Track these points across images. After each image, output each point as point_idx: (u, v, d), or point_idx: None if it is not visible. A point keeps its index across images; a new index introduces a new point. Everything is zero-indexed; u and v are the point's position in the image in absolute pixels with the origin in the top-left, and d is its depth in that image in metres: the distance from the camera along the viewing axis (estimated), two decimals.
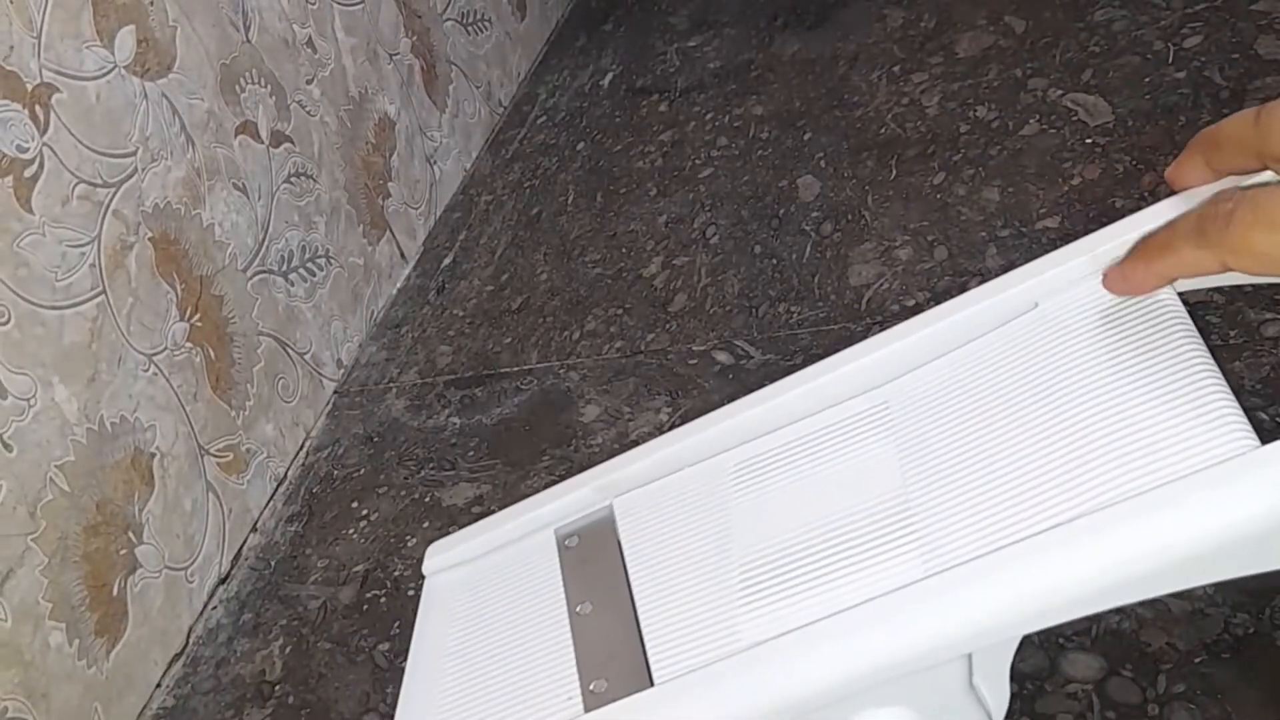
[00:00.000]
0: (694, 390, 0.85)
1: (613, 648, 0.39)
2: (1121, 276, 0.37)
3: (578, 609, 0.41)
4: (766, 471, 0.41)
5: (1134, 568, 0.30)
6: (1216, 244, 0.33)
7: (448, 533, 0.84)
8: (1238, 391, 0.67)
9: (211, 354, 0.87)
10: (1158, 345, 0.35)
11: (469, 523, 0.81)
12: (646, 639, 0.38)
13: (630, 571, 0.41)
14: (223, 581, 0.85)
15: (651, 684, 0.37)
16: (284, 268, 0.97)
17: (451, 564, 0.49)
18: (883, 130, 1.04)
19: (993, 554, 0.32)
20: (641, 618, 0.39)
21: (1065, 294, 0.39)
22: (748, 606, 0.37)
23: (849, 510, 0.37)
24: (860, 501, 0.37)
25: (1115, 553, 0.30)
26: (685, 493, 0.43)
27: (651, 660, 0.38)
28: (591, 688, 0.38)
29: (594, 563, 0.43)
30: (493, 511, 0.85)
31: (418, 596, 0.80)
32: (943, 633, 0.32)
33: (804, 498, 0.39)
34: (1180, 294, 0.38)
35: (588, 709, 0.37)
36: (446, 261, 1.15)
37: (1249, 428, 0.32)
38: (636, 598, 0.40)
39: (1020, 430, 0.35)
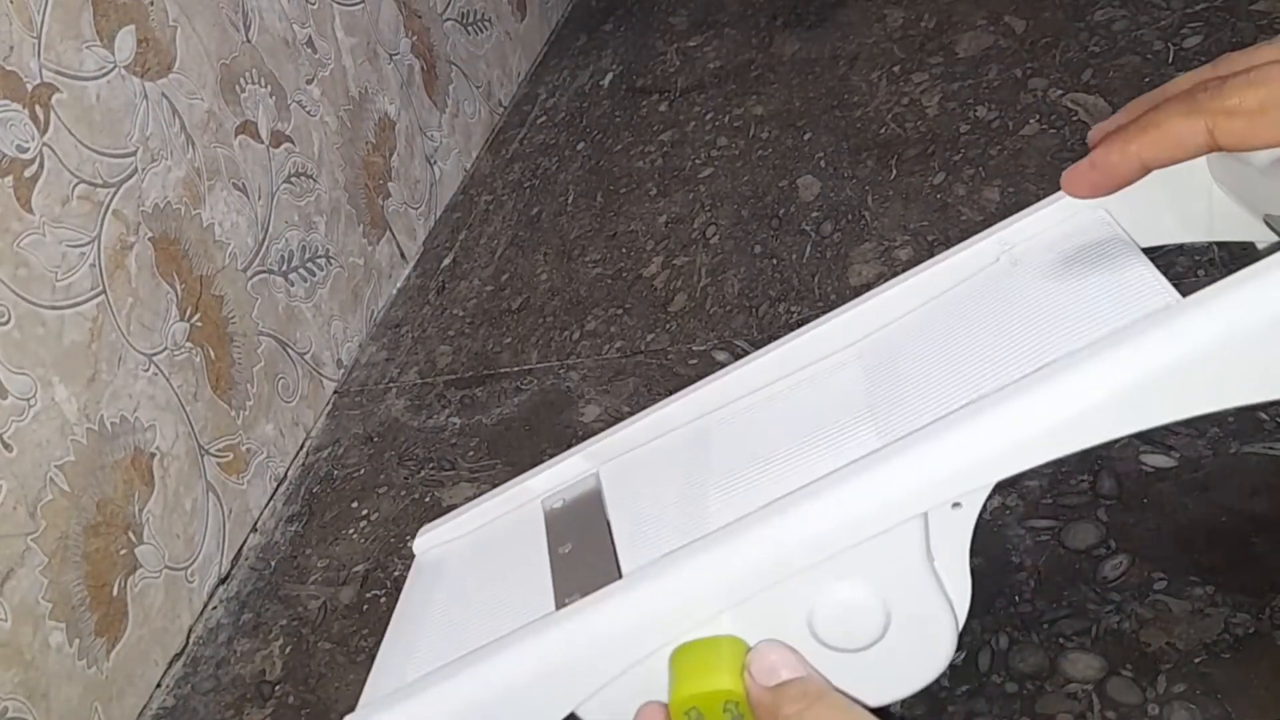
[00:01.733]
0: None
1: (591, 574, 0.40)
2: (1090, 165, 0.37)
3: (559, 550, 0.43)
4: (744, 415, 0.44)
5: (1066, 411, 0.33)
6: (1206, 108, 0.33)
7: None
8: None
9: (212, 354, 0.87)
10: (1108, 271, 0.38)
11: None
12: (622, 561, 0.39)
13: (611, 518, 0.42)
14: (223, 581, 0.85)
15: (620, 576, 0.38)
16: (284, 268, 0.97)
17: (441, 541, 0.50)
18: (883, 130, 1.04)
19: (941, 419, 0.35)
20: (619, 550, 0.40)
21: (1026, 245, 0.42)
22: (718, 503, 0.39)
23: (817, 423, 0.40)
24: (827, 414, 0.40)
25: (1049, 399, 0.33)
26: (668, 452, 0.44)
27: (624, 568, 0.39)
28: (566, 601, 0.39)
29: (577, 515, 0.44)
30: None
31: None
32: (893, 485, 0.34)
33: (776, 424, 0.42)
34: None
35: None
36: (446, 261, 1.15)
37: (1171, 289, 0.35)
38: (615, 537, 0.41)
39: (977, 345, 0.39)
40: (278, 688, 0.74)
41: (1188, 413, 0.33)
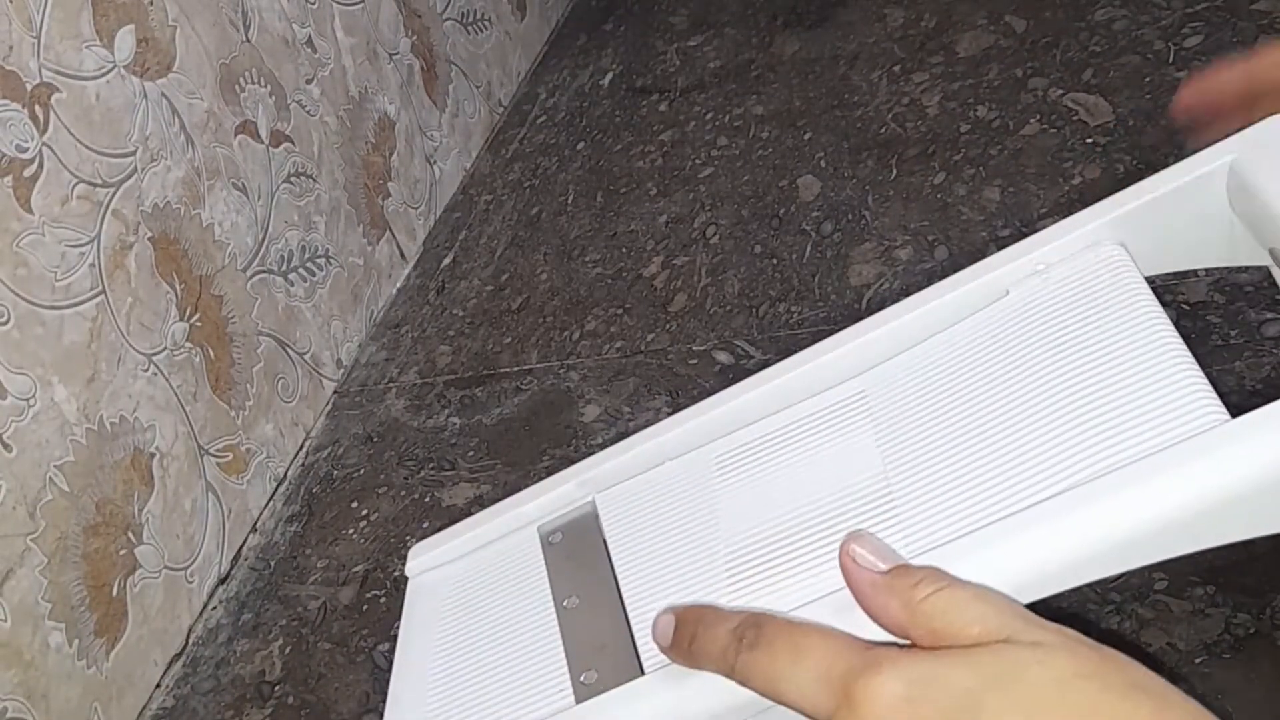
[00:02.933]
0: (694, 390, 0.85)
1: (601, 639, 0.39)
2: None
3: (564, 603, 0.42)
4: (748, 461, 0.42)
5: (1106, 541, 0.31)
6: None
7: None
8: (1238, 391, 0.67)
9: (211, 354, 0.87)
10: (1126, 326, 0.36)
11: None
12: (635, 629, 0.39)
13: (616, 564, 0.42)
14: (222, 581, 0.85)
15: (642, 673, 0.37)
16: (284, 268, 0.97)
17: (435, 564, 0.49)
18: (883, 130, 1.04)
19: (971, 534, 0.33)
20: (629, 608, 0.39)
21: (1034, 280, 0.39)
22: (733, 593, 0.37)
23: (830, 498, 0.38)
24: (841, 489, 0.38)
25: (1089, 527, 0.31)
26: (668, 485, 0.43)
27: (641, 649, 0.38)
28: (582, 679, 0.38)
29: (579, 557, 0.43)
30: None
31: None
32: None
33: (786, 486, 0.40)
34: (1180, 298, 0.38)
35: (579, 700, 0.38)
36: (446, 261, 1.15)
37: (1218, 402, 0.32)
38: (623, 589, 0.40)
39: (994, 416, 0.36)
40: (278, 688, 0.74)
41: (1224, 541, 0.31)
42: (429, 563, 0.49)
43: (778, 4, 1.34)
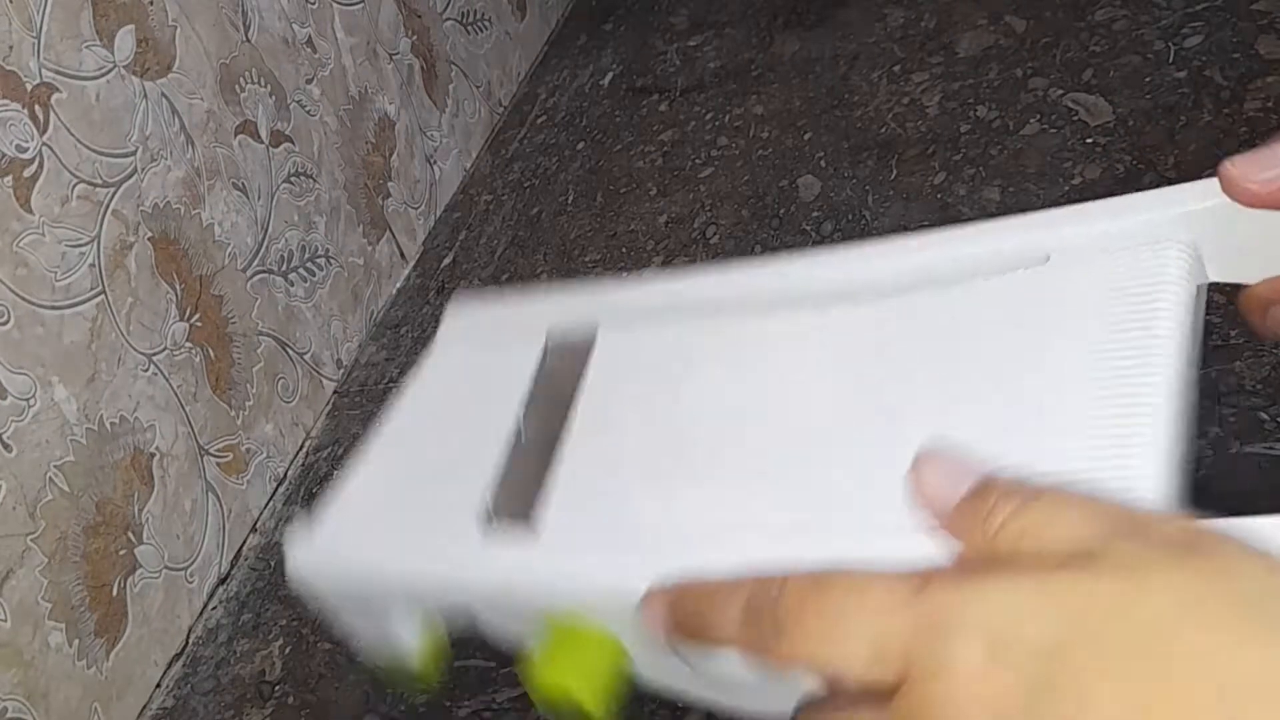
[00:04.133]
0: None
1: (524, 494, 0.40)
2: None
3: (523, 427, 0.42)
4: (744, 355, 0.41)
5: None
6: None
7: None
8: (1238, 391, 0.67)
9: (211, 354, 0.87)
10: (1135, 354, 0.33)
11: None
12: (557, 485, 0.38)
13: (576, 413, 0.41)
14: (222, 581, 0.85)
15: (536, 534, 0.37)
16: (284, 268, 0.97)
17: (468, 325, 0.51)
18: (883, 130, 1.04)
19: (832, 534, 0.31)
20: (561, 464, 0.39)
21: (1080, 259, 0.36)
22: (686, 489, 0.36)
23: (789, 426, 0.37)
24: (836, 406, 0.36)
25: None
26: (662, 358, 0.42)
27: (552, 506, 0.38)
28: (493, 521, 0.39)
29: (555, 385, 0.43)
30: None
31: None
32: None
33: (755, 396, 0.39)
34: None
35: (481, 544, 0.39)
36: (446, 261, 1.15)
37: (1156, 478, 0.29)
38: (566, 446, 0.40)
39: (980, 389, 0.34)
40: (277, 688, 0.74)
41: None
42: (458, 330, 0.51)
43: (778, 4, 1.34)
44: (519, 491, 0.40)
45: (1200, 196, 0.34)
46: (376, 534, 0.41)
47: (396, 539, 0.40)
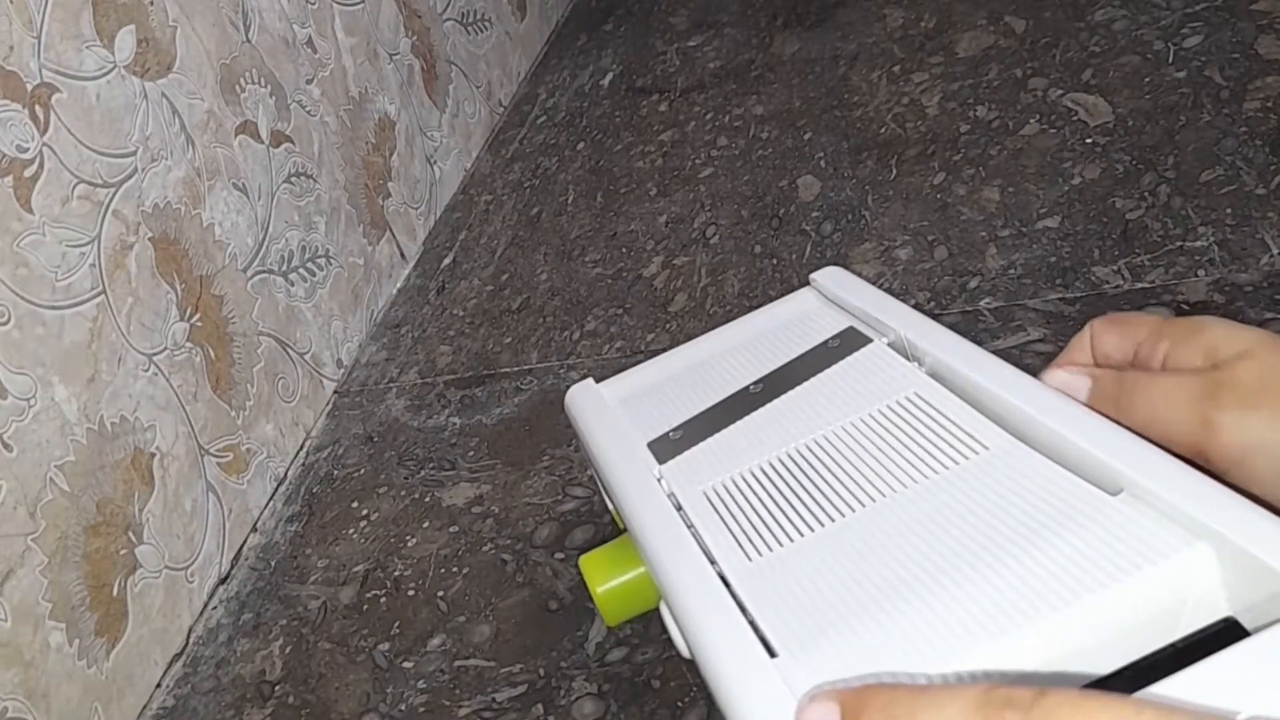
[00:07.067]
0: None
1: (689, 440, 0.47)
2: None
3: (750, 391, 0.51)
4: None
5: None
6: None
7: (448, 532, 0.84)
8: None
9: (211, 354, 0.87)
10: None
11: (469, 523, 0.81)
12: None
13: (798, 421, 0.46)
14: (223, 581, 0.85)
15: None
16: (284, 268, 0.97)
17: (813, 299, 0.60)
18: (883, 130, 1.04)
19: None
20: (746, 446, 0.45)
21: (1122, 507, 0.34)
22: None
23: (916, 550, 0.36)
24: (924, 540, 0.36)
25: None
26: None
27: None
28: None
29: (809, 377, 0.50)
30: (493, 512, 0.85)
31: (418, 596, 0.80)
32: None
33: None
34: (1180, 298, 0.37)
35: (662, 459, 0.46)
36: (446, 261, 1.15)
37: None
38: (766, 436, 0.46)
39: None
40: (278, 688, 0.74)
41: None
42: (829, 282, 0.57)
43: (778, 4, 1.35)
44: (676, 447, 0.47)
45: (1242, 524, 0.31)
46: (612, 408, 0.51)
47: (618, 422, 0.49)
